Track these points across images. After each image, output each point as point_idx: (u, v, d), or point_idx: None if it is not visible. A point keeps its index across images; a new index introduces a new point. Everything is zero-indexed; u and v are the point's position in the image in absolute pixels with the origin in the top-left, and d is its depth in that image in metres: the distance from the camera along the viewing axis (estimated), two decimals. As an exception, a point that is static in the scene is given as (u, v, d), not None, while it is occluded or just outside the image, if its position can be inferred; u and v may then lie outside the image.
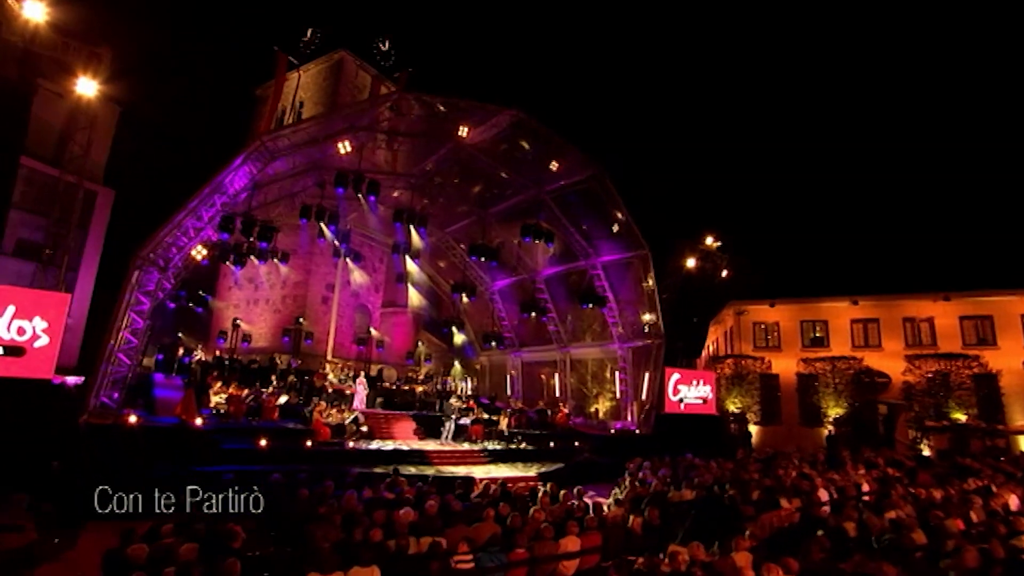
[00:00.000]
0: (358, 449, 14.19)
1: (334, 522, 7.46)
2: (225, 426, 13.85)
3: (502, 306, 26.35)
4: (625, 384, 21.79)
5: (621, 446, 19.19)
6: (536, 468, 14.88)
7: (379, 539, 6.54)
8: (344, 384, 21.83)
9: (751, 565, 6.31)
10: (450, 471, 13.47)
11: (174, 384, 17.41)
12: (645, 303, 21.25)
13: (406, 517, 7.65)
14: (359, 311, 30.83)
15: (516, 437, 18.15)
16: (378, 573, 5.76)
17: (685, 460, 15.84)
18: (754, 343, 28.16)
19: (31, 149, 21.10)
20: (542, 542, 6.97)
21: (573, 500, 9.33)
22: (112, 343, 11.51)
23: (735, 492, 10.62)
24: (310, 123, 13.86)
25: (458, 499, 9.15)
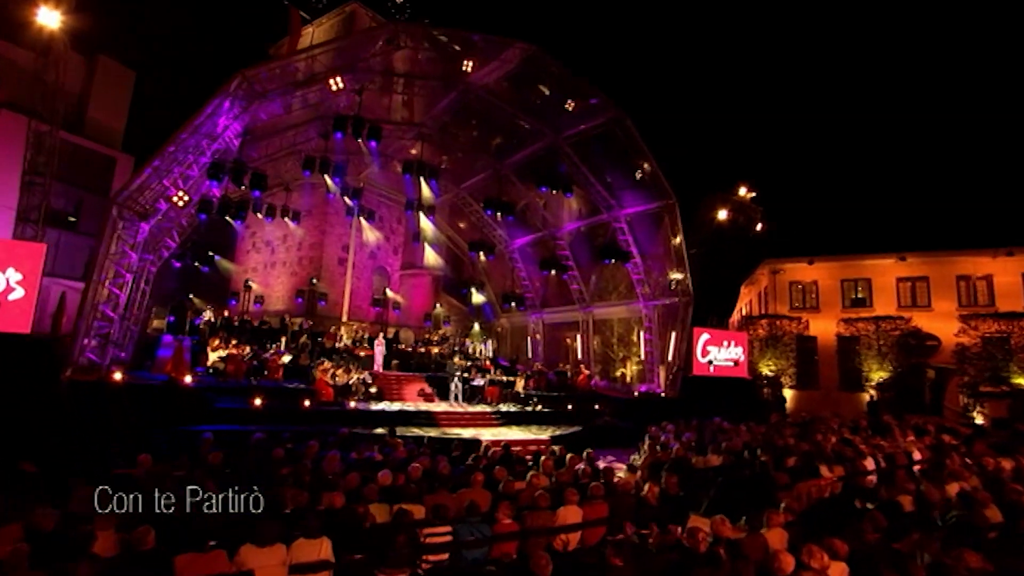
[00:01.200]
0: (360, 410, 13.39)
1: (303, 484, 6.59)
2: (218, 384, 13.19)
3: (522, 265, 25.18)
4: (651, 345, 20.54)
5: (644, 409, 18.09)
6: (550, 431, 13.90)
7: (340, 505, 5.60)
8: (359, 346, 21.17)
9: (787, 545, 5.17)
10: (456, 433, 12.59)
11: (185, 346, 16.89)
12: (672, 259, 19.80)
13: (383, 481, 6.70)
14: (377, 273, 30.05)
15: (532, 399, 17.17)
16: (328, 546, 4.80)
17: (713, 424, 14.66)
18: (790, 304, 26.46)
19: (50, 115, 20.70)
20: (535, 512, 5.93)
21: (580, 465, 8.28)
22: (92, 295, 10.79)
23: (768, 458, 9.43)
24: (298, 56, 12.72)
25: (453, 463, 8.20)
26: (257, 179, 13.51)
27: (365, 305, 27.90)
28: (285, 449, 9.02)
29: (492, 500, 6.46)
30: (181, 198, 12.34)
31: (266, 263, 29.68)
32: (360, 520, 5.23)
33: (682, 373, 19.74)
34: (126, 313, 12.21)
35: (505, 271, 26.38)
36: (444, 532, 5.39)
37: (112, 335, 12.08)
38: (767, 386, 24.23)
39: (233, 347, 14.50)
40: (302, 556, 4.73)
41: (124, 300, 12.28)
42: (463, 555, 5.44)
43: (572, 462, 8.28)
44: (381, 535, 5.17)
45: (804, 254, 26.50)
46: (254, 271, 29.85)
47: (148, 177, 11.52)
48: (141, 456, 7.19)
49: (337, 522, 5.29)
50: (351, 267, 26.59)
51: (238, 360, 14.28)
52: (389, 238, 30.64)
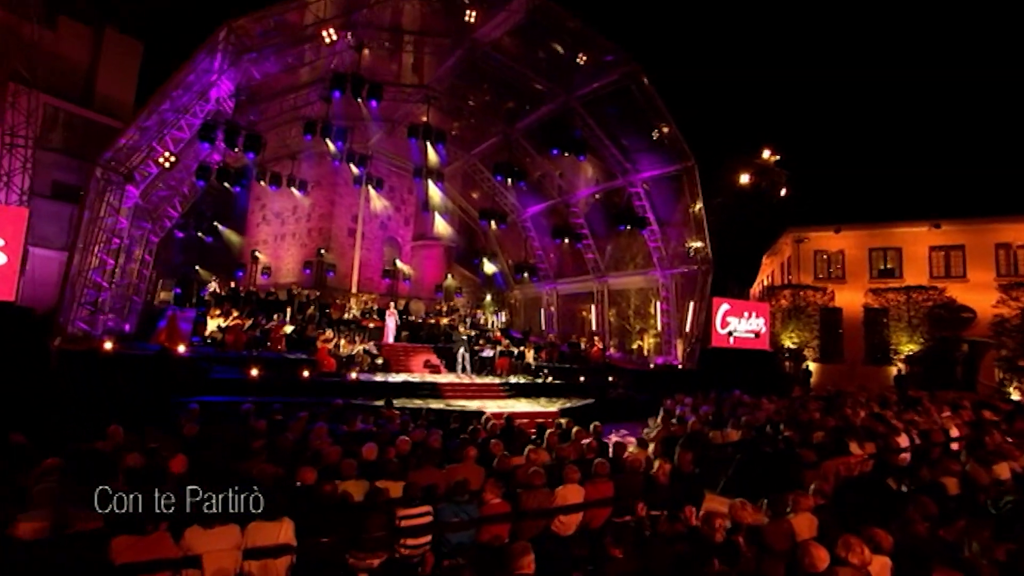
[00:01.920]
0: (362, 381, 12.89)
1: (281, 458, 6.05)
2: (213, 354, 12.76)
3: (535, 235, 24.39)
4: (668, 316, 19.74)
5: (660, 382, 17.41)
6: (560, 404, 13.29)
7: (311, 482, 5.02)
8: (368, 317, 20.72)
9: (816, 533, 4.48)
10: (461, 405, 12.03)
11: (187, 317, 16.54)
12: (691, 225, 18.87)
13: (367, 455, 6.13)
14: (388, 244, 29.48)
15: (542, 371, 16.56)
16: (289, 529, 4.23)
17: (732, 397, 13.94)
18: (815, 274, 25.34)
19: (59, 89, 20.31)
20: (529, 491, 5.31)
21: (587, 439, 7.64)
22: (79, 262, 10.33)
23: (792, 434, 8.71)
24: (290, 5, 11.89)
25: (448, 436, 7.60)
26: (252, 141, 12.87)
27: (376, 277, 27.40)
28: (273, 421, 8.56)
29: (486, 477, 5.86)
30: (168, 159, 11.76)
31: (276, 235, 29.24)
32: (328, 499, 4.64)
33: (700, 344, 18.95)
34: (120, 281, 11.83)
35: (518, 241, 25.64)
36: (423, 513, 4.79)
37: (105, 304, 11.66)
38: (789, 359, 23.33)
39: (234, 317, 14.04)
40: (260, 539, 4.17)
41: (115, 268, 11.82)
42: (446, 539, 4.84)
43: (578, 436, 7.65)
44: (352, 516, 4.59)
45: (830, 222, 25.26)
46: (264, 243, 29.47)
47: (135, 138, 10.93)
48: (111, 428, 6.70)
49: (306, 501, 4.73)
50: (360, 238, 26.02)
51: (237, 331, 13.83)
52: (400, 208, 29.97)
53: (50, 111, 19.75)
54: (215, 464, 5.82)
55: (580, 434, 7.65)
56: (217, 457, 6.00)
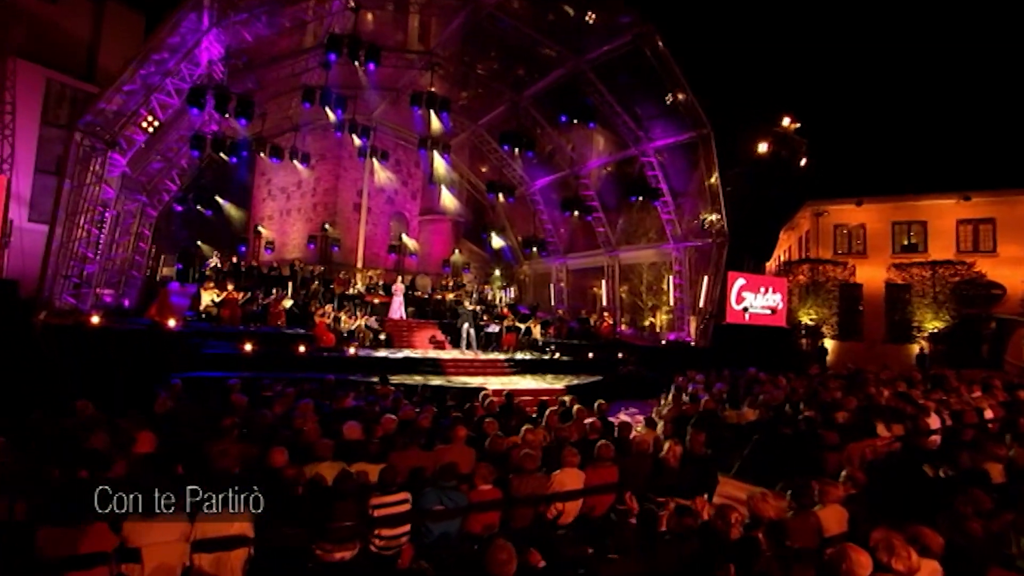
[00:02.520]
0: (361, 357, 12.43)
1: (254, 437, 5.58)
2: (208, 329, 12.35)
3: (544, 208, 23.66)
4: (681, 291, 19.05)
5: (672, 359, 16.81)
6: (566, 381, 12.76)
7: (280, 464, 4.52)
8: (373, 293, 20.28)
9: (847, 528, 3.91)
10: (462, 382, 11.54)
11: (188, 292, 16.18)
12: (706, 197, 18.05)
13: (349, 434, 5.63)
14: (395, 219, 28.91)
15: (550, 347, 16.01)
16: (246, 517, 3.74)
17: (748, 375, 13.31)
18: (834, 249, 24.41)
19: (62, 63, 19.83)
20: (522, 476, 4.77)
21: (590, 418, 7.10)
22: (62, 233, 9.88)
23: (813, 414, 8.09)
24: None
25: (441, 414, 7.10)
26: (243, 105, 12.26)
27: (382, 252, 26.90)
28: (260, 397, 8.12)
29: (477, 460, 5.35)
30: (151, 123, 11.20)
31: (281, 211, 28.82)
32: (291, 484, 4.14)
33: (714, 320, 18.28)
34: (115, 255, 11.44)
35: (527, 215, 24.94)
36: (401, 501, 4.27)
37: (93, 277, 11.24)
38: (806, 336, 22.58)
39: (229, 291, 13.60)
40: (212, 529, 3.68)
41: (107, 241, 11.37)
42: (428, 529, 4.33)
43: (580, 415, 7.09)
44: (319, 503, 4.08)
45: (851, 195, 24.26)
46: (269, 219, 29.11)
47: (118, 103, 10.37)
48: (79, 402, 6.27)
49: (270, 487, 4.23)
50: (365, 212, 25.48)
51: (233, 305, 13.39)
52: (407, 182, 29.32)
53: (56, 87, 19.32)
54: (184, 443, 5.37)
55: (583, 413, 7.10)
56: (187, 436, 5.53)
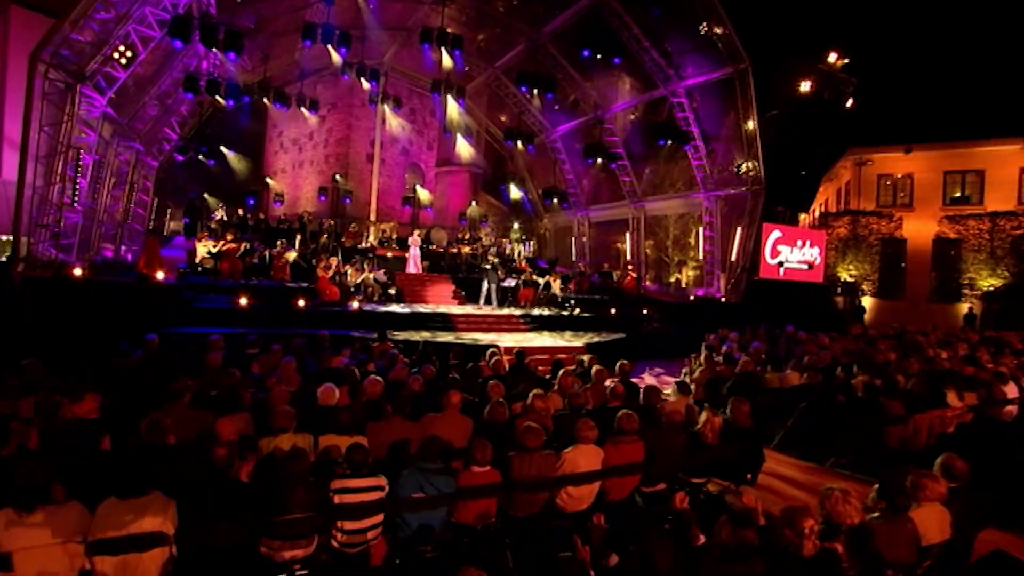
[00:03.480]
0: (366, 312, 11.60)
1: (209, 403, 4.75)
2: (203, 282, 11.61)
3: (566, 156, 22.32)
4: (711, 243, 17.77)
5: (701, 315, 15.76)
6: (587, 338, 11.80)
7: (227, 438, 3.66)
8: (386, 246, 19.43)
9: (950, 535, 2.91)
10: (473, 339, 10.66)
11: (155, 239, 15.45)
12: (741, 141, 16.57)
13: (325, 399, 4.76)
14: (410, 170, 27.77)
15: (569, 302, 15.02)
16: (162, 508, 2.89)
17: (786, 333, 12.22)
18: (877, 200, 22.67)
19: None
20: (524, 456, 3.85)
21: (611, 381, 6.15)
22: (30, 177, 9.06)
23: (867, 379, 7.01)
24: None
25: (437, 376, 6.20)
26: (232, 38, 11.14)
27: (396, 205, 25.89)
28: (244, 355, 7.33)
29: (473, 434, 4.46)
30: (123, 54, 10.18)
31: (294, 163, 27.91)
32: (226, 463, 3.27)
33: (747, 275, 17.07)
34: (111, 207, 10.72)
35: (547, 165, 23.64)
36: (371, 487, 3.39)
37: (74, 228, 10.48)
38: (842, 294, 21.15)
39: (227, 242, 12.79)
40: (117, 524, 2.83)
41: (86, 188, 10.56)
42: (405, 521, 3.46)
43: (600, 377, 6.13)
44: (266, 488, 3.22)
45: (899, 141, 22.33)
46: (282, 172, 28.26)
47: (89, 33, 9.35)
48: (27, 361, 5.51)
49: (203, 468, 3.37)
50: (378, 162, 24.35)
51: (232, 257, 12.60)
52: (422, 132, 28.03)
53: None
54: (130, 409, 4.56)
55: (603, 374, 6.13)
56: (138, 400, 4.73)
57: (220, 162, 20.26)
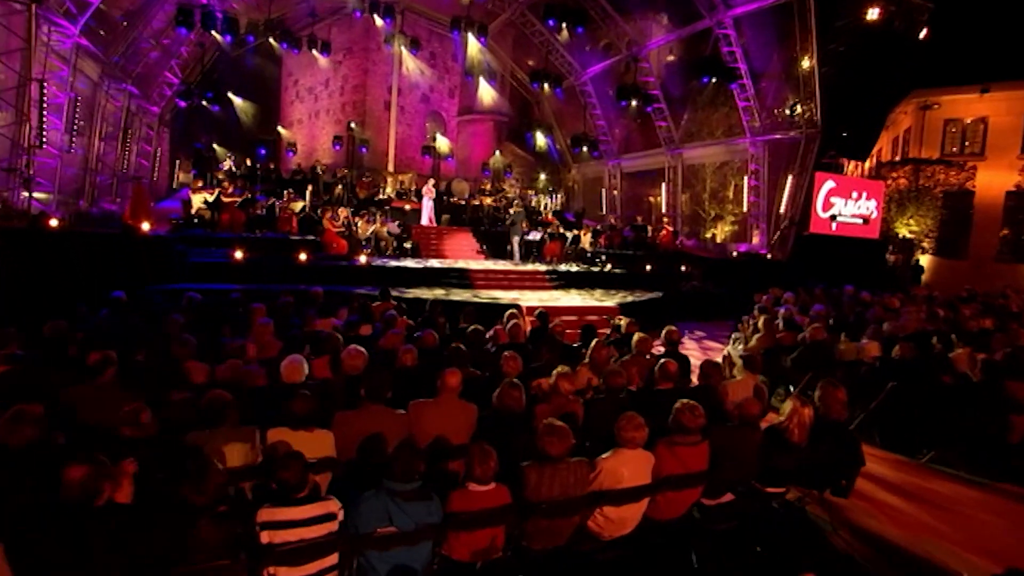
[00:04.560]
0: (374, 266, 10.53)
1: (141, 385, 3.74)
2: (196, 234, 10.64)
3: (596, 100, 20.61)
4: (756, 194, 16.15)
5: (744, 273, 14.36)
6: (619, 297, 10.57)
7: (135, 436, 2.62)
8: (404, 198, 18.29)
9: None
10: (491, 297, 9.53)
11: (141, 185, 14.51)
12: (795, 78, 14.78)
13: (290, 375, 3.70)
14: (431, 119, 26.28)
15: (600, 258, 13.72)
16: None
17: (846, 294, 10.82)
18: (942, 149, 20.52)
19: None
20: (545, 468, 2.72)
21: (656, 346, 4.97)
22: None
23: (972, 351, 5.69)
24: None
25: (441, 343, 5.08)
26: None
27: (416, 155, 24.57)
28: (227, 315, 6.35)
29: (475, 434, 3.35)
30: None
31: (309, 113, 26.67)
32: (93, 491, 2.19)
33: (795, 229, 15.51)
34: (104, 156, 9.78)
35: (577, 111, 21.93)
36: (320, 516, 2.31)
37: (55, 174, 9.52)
38: (895, 251, 19.28)
39: (227, 191, 11.76)
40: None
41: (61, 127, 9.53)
42: (371, 563, 2.39)
43: (642, 347, 4.93)
44: (145, 524, 2.16)
45: (972, 81, 19.98)
46: (299, 123, 27.11)
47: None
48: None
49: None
50: (395, 110, 22.97)
51: (232, 208, 11.58)
52: (443, 78, 26.35)
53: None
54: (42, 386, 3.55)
55: (646, 343, 4.93)
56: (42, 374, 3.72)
57: (229, 110, 19.17)
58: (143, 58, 14.08)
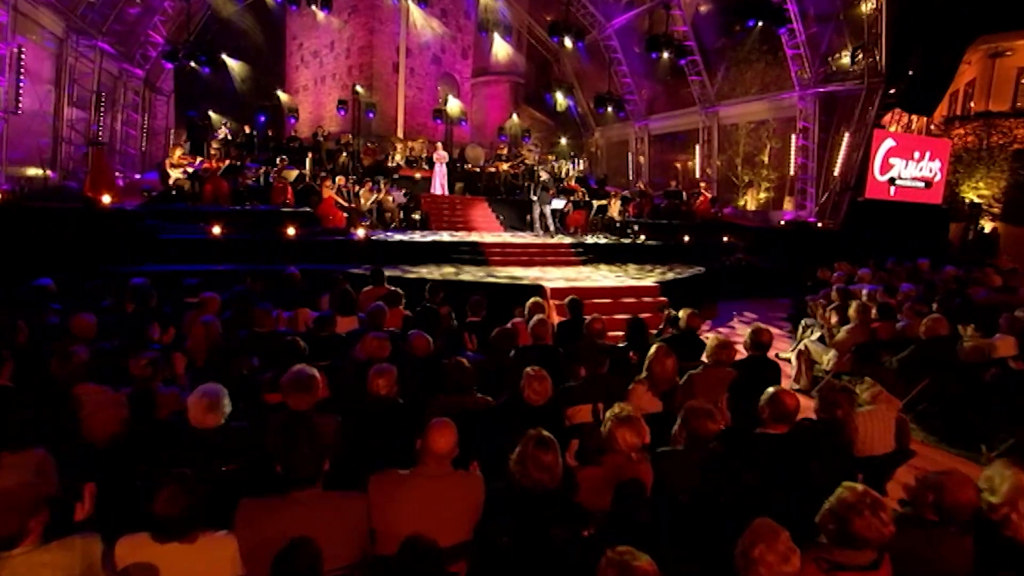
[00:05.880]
0: (374, 240, 9.16)
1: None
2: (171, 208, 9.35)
3: (622, 56, 18.78)
4: (805, 154, 14.39)
5: (792, 244, 12.81)
6: (657, 274, 9.09)
7: None
8: (415, 166, 16.86)
9: None
10: (510, 276, 8.13)
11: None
12: (854, 20, 12.92)
13: (199, 418, 2.36)
14: (443, 82, 24.58)
15: (631, 228, 12.20)
16: None
17: (923, 269, 9.26)
18: (1013, 102, 18.35)
19: None
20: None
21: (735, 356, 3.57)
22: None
23: None
24: None
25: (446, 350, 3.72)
26: None
27: (428, 120, 23.00)
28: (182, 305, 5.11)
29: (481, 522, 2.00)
30: None
31: (315, 78, 25.21)
32: None
33: (850, 194, 13.81)
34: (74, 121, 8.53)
35: (600, 69, 20.07)
36: None
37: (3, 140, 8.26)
38: (960, 219, 17.33)
39: (213, 159, 10.41)
40: None
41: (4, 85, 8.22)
42: None
43: (723, 355, 3.51)
44: None
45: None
46: (304, 89, 25.71)
47: None
48: None
49: None
50: (404, 71, 21.37)
51: (216, 177, 10.23)
52: (456, 38, 24.58)
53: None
54: None
55: (727, 351, 3.50)
56: None
57: (224, 74, 17.75)
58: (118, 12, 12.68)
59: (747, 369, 3.55)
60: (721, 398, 3.27)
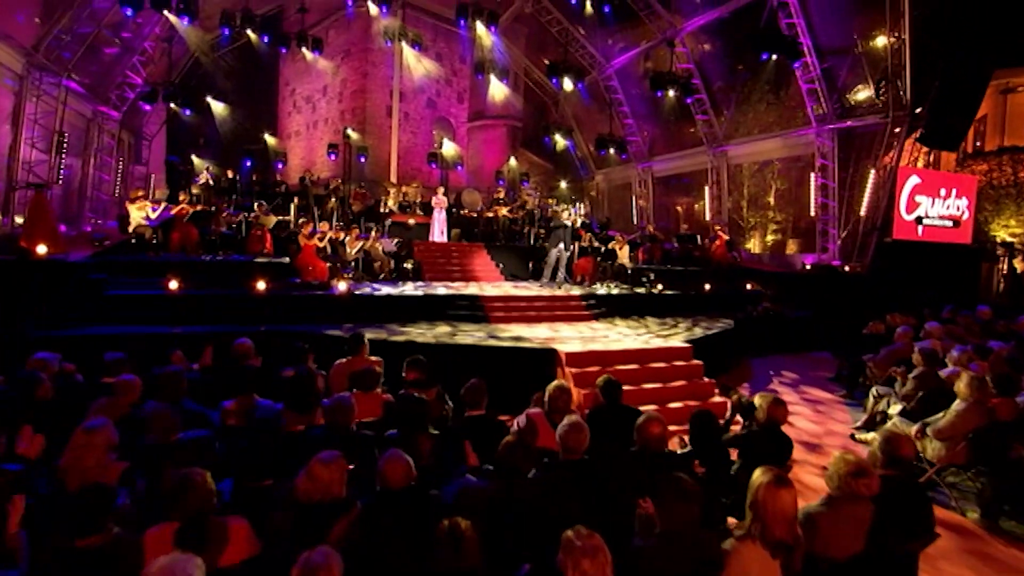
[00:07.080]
0: (356, 295, 7.98)
1: None
2: (120, 259, 8.20)
3: (623, 97, 18.14)
4: (825, 194, 13.45)
5: (819, 290, 11.73)
6: (683, 331, 7.88)
7: None
8: (408, 212, 15.87)
9: None
10: (514, 336, 6.92)
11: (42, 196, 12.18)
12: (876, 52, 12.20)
13: None
14: (438, 126, 23.96)
15: (646, 276, 11.05)
16: None
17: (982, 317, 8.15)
18: (1030, 136, 17.68)
19: None
20: None
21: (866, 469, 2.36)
22: None
23: None
24: None
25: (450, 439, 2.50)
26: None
27: (422, 165, 22.24)
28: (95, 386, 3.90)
29: None
30: None
31: (308, 124, 24.66)
32: None
33: (877, 235, 12.81)
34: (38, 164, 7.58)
35: (601, 110, 19.43)
36: None
37: None
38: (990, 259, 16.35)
39: (181, 204, 9.34)
40: None
41: None
42: None
43: (857, 485, 2.30)
44: None
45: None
46: (297, 135, 25.12)
47: None
48: None
49: None
50: (398, 115, 20.75)
51: (184, 224, 9.14)
52: (451, 81, 24.13)
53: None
54: None
55: (863, 479, 2.31)
56: None
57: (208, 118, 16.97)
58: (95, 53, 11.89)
59: (887, 503, 2.34)
60: (855, 546, 2.07)
